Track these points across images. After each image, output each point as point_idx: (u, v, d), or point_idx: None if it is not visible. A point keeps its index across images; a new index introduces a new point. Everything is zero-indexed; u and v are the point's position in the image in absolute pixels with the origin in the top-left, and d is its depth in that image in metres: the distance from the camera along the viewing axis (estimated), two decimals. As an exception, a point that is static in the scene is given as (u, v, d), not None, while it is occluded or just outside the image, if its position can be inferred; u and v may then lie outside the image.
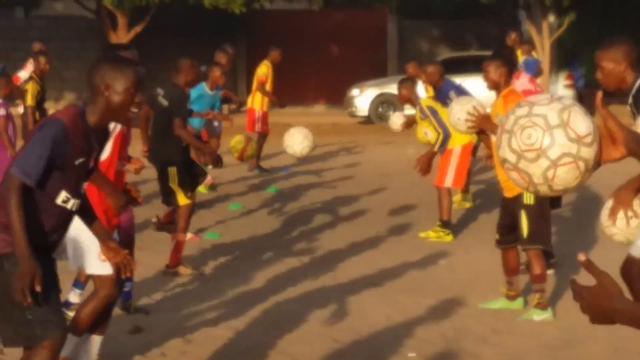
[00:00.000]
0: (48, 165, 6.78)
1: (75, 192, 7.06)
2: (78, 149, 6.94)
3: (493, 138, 11.30)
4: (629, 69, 8.77)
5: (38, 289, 6.59)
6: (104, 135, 7.44)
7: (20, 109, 15.65)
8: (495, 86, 11.93)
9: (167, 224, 14.39)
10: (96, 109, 7.05)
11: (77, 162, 6.96)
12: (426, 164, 15.14)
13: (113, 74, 7.04)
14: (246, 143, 18.18)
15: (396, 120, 17.49)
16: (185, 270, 13.56)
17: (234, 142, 18.43)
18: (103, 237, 7.63)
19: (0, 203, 7.03)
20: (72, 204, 7.04)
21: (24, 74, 15.47)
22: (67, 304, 11.17)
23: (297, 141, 16.13)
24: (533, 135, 3.87)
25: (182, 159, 14.07)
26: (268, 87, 24.32)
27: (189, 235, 15.58)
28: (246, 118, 24.88)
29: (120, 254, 7.46)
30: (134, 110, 7.32)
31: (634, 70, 8.64)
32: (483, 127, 11.45)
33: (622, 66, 8.81)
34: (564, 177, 4.01)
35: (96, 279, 8.99)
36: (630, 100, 8.45)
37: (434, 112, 16.23)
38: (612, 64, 8.87)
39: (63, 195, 6.94)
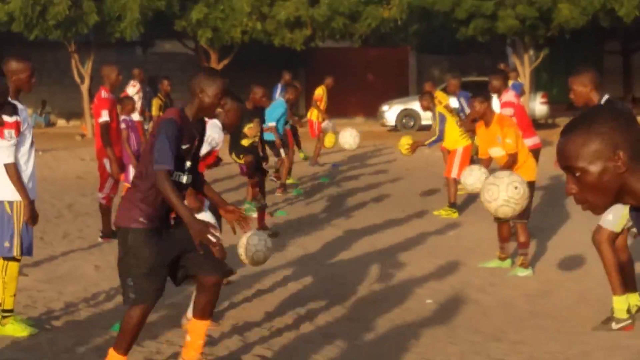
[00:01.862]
0: (177, 152, 6.96)
1: (182, 170, 7.17)
2: (185, 137, 7.08)
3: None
4: (594, 91, 8.84)
5: (214, 238, 6.83)
6: (202, 126, 7.58)
7: (134, 116, 15.64)
8: (496, 91, 12.08)
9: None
10: (193, 107, 7.25)
11: (184, 147, 7.09)
12: (414, 148, 15.47)
13: (207, 81, 7.21)
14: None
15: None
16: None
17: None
18: (221, 203, 7.72)
19: (131, 191, 7.20)
20: (182, 178, 7.14)
21: (131, 90, 15.53)
22: None
23: (351, 136, 16.66)
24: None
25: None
26: (322, 105, 24.26)
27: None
28: (308, 127, 24.77)
29: (236, 212, 7.53)
30: (219, 110, 7.44)
31: (598, 91, 8.69)
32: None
33: (589, 88, 8.90)
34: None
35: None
36: None
37: (443, 119, 16.26)
38: (581, 87, 8.92)
39: (174, 173, 7.03)
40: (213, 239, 6.81)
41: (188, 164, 7.26)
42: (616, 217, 8.95)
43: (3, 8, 34.00)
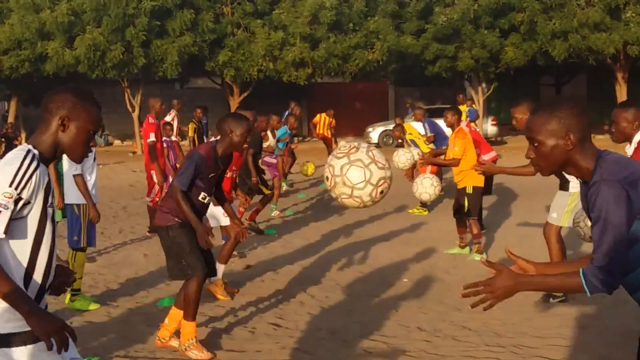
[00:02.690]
0: (193, 179, 6.97)
1: (209, 193, 7.28)
2: (211, 168, 7.17)
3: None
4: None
5: (209, 244, 7.06)
6: (228, 160, 7.55)
7: (172, 138, 15.65)
8: (450, 126, 11.97)
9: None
10: (223, 145, 7.26)
11: (210, 176, 7.20)
12: (411, 172, 14.99)
13: (235, 123, 7.19)
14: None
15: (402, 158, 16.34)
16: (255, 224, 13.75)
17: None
18: (232, 216, 7.79)
19: (166, 199, 7.27)
20: (207, 200, 7.24)
21: (168, 117, 15.56)
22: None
23: (432, 186, 12.36)
24: (358, 173, 3.83)
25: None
26: (319, 127, 24.37)
27: (276, 213, 15.68)
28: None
29: (240, 226, 7.69)
30: (245, 146, 7.49)
31: None
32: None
33: (527, 115, 8.78)
34: (383, 193, 3.97)
35: (228, 227, 9.10)
36: None
37: (415, 143, 16.29)
38: (521, 114, 8.81)
39: (202, 195, 7.14)
40: (208, 243, 7.03)
41: (214, 189, 7.39)
42: (559, 213, 8.90)
43: (71, 53, 34.04)
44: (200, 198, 7.21)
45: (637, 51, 34.88)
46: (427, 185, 12.15)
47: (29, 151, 3.51)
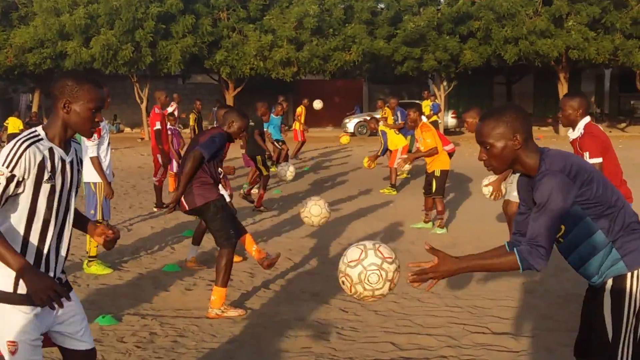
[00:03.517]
0: (216, 152, 7.18)
1: (221, 165, 7.38)
2: (224, 146, 7.20)
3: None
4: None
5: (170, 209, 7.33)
6: (230, 141, 7.57)
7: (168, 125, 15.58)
8: (413, 122, 11.98)
9: (249, 195, 14.15)
10: (228, 132, 7.34)
11: (222, 152, 7.26)
12: (373, 159, 14.96)
13: (237, 118, 7.31)
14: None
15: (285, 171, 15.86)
16: (264, 209, 13.58)
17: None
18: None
19: (197, 182, 7.26)
20: (222, 174, 7.34)
21: (170, 109, 15.42)
22: None
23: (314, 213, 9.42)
24: (375, 277, 3.76)
25: (261, 152, 14.04)
26: (302, 119, 24.24)
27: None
28: (292, 134, 24.77)
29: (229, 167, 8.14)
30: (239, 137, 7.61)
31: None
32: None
33: (477, 120, 8.74)
34: (396, 283, 3.88)
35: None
36: None
37: (384, 134, 16.32)
38: (471, 119, 9.22)
39: (219, 169, 7.28)
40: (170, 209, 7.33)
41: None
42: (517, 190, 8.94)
43: (87, 52, 33.90)
44: (219, 171, 7.44)
45: (577, 55, 35.03)
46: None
47: (29, 134, 3.52)
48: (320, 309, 7.28)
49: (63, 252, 3.64)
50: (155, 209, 13.50)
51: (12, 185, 3.39)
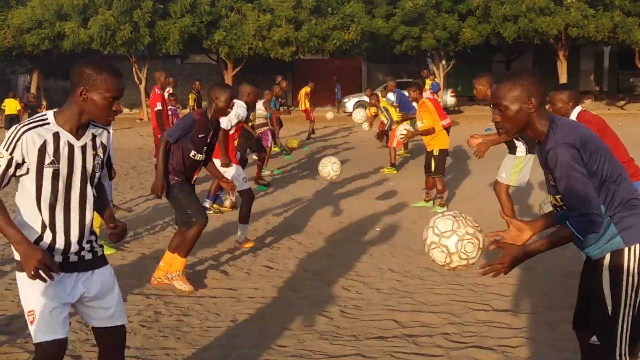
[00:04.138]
0: (181, 136, 7.15)
1: (200, 152, 7.33)
2: (201, 130, 7.24)
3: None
4: (489, 89, 8.72)
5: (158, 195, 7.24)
6: (217, 123, 7.57)
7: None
8: (414, 100, 12.05)
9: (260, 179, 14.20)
10: (211, 110, 7.39)
11: (200, 136, 7.27)
12: (382, 134, 15.06)
13: (220, 91, 7.29)
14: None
15: (357, 115, 16.45)
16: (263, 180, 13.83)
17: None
18: (220, 177, 7.96)
19: (170, 162, 7.30)
20: (198, 157, 7.31)
21: (168, 89, 15.17)
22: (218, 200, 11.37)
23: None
24: (471, 247, 3.78)
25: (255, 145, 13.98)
26: (301, 103, 24.33)
27: (267, 173, 15.68)
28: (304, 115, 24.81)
29: (230, 183, 7.85)
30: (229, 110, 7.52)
31: (491, 88, 8.57)
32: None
33: (486, 87, 8.77)
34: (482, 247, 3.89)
35: (242, 192, 9.16)
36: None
37: (387, 110, 16.34)
38: (480, 85, 8.84)
39: (192, 152, 7.21)
40: (157, 194, 7.23)
41: (205, 148, 7.39)
42: (508, 174, 8.97)
43: (86, 32, 33.87)
44: (191, 155, 7.30)
45: (576, 33, 34.96)
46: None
47: (34, 118, 3.59)
48: (323, 288, 7.32)
49: (74, 238, 3.68)
50: (156, 190, 13.54)
51: (12, 167, 3.48)
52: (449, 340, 5.70)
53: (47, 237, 3.59)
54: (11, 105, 27.86)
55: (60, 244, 3.63)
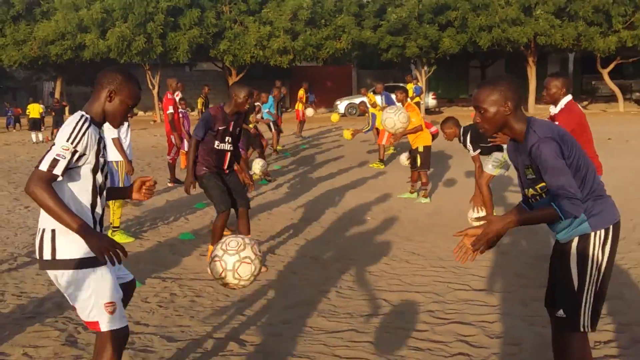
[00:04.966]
0: (206, 130, 7.11)
1: (222, 142, 7.32)
2: (219, 122, 7.23)
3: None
4: (457, 130, 9.21)
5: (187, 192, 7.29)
6: (238, 117, 7.46)
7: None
8: (400, 101, 12.06)
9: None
10: (230, 105, 7.33)
11: (220, 128, 7.26)
12: (354, 134, 15.00)
13: (239, 88, 7.32)
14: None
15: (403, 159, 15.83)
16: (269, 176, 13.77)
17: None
18: (241, 170, 7.92)
19: (201, 151, 7.34)
20: (222, 147, 7.30)
21: (176, 94, 15.21)
22: None
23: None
24: (246, 269, 3.78)
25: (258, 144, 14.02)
26: (303, 99, 24.29)
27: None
28: (295, 114, 24.75)
29: (247, 179, 7.91)
30: (247, 106, 7.48)
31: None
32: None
33: (454, 130, 9.11)
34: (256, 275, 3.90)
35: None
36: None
37: (374, 116, 16.35)
38: (448, 129, 9.16)
39: (216, 142, 7.20)
40: (187, 191, 7.29)
41: (228, 138, 7.35)
42: (494, 165, 8.96)
43: (104, 43, 33.88)
44: (215, 146, 7.31)
45: (544, 41, 35.04)
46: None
47: (82, 116, 3.56)
48: (321, 271, 7.34)
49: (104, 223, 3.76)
50: (169, 184, 13.52)
51: (74, 159, 3.44)
52: (433, 317, 5.73)
53: (96, 219, 3.61)
54: (35, 110, 27.75)
55: (102, 222, 3.68)
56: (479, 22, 35.12)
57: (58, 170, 3.36)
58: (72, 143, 3.42)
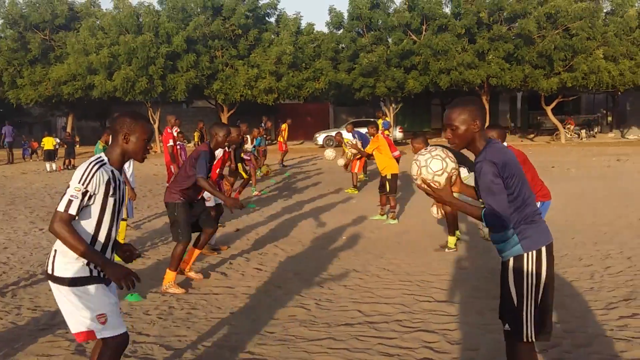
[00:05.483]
0: (209, 167, 7.09)
1: (207, 174, 7.21)
2: (211, 159, 7.13)
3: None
4: (425, 146, 8.88)
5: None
6: (213, 155, 7.43)
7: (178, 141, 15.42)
8: (371, 134, 12.06)
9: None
10: (212, 143, 7.33)
11: (209, 164, 7.22)
12: (347, 165, 14.89)
13: (218, 128, 7.32)
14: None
15: (329, 153, 15.86)
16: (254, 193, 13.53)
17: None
18: (221, 196, 7.48)
19: (174, 184, 7.19)
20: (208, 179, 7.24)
21: (174, 129, 15.01)
22: None
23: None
24: (437, 163, 3.71)
25: (242, 161, 13.96)
26: (285, 134, 24.23)
27: (255, 192, 15.54)
28: (277, 146, 24.67)
29: (234, 201, 7.49)
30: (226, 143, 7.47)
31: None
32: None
33: (422, 145, 8.82)
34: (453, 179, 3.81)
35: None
36: None
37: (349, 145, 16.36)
38: (417, 144, 8.91)
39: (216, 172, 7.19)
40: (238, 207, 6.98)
41: (209, 171, 7.33)
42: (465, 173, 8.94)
43: (111, 83, 33.74)
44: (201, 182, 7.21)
45: (496, 82, 35.47)
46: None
47: (96, 159, 3.59)
48: (302, 285, 7.31)
49: (110, 251, 3.71)
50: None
51: (86, 199, 3.47)
52: (402, 326, 5.72)
53: (98, 248, 3.60)
54: (49, 142, 27.52)
55: (109, 253, 3.66)
56: (439, 66, 35.49)
57: (73, 210, 3.44)
58: (83, 184, 3.46)
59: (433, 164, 3.69)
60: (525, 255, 3.61)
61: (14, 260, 8.91)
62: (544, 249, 3.62)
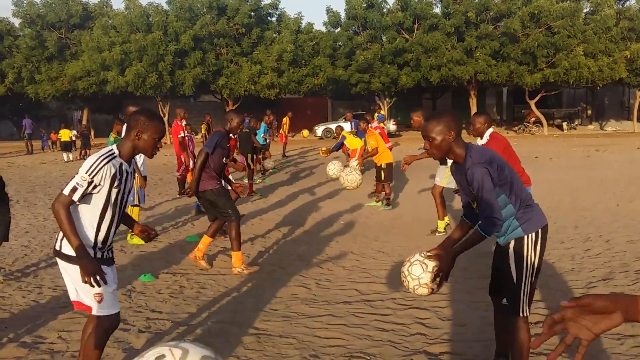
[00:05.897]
0: (216, 145, 6.94)
1: (227, 156, 7.16)
2: (226, 141, 7.12)
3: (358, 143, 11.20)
4: (423, 120, 8.66)
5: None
6: (229, 138, 7.36)
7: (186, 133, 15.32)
8: (363, 129, 12.04)
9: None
10: (227, 127, 7.19)
11: (227, 145, 7.16)
12: (328, 152, 14.21)
13: (234, 115, 7.19)
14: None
15: (332, 172, 14.72)
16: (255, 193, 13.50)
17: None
18: (230, 183, 7.57)
19: (206, 174, 7.04)
20: (225, 161, 7.13)
21: (183, 122, 14.99)
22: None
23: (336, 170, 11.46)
24: (418, 268, 3.62)
25: (251, 150, 14.00)
26: (286, 127, 24.17)
27: (259, 180, 15.53)
28: (279, 138, 24.62)
29: (238, 188, 7.47)
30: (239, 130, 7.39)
31: (423, 120, 8.42)
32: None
33: (421, 118, 8.68)
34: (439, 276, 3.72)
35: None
36: None
37: (343, 137, 16.26)
38: (417, 117, 8.74)
39: (225, 158, 7.08)
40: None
41: (229, 152, 7.27)
42: (441, 178, 8.88)
43: (123, 79, 33.64)
44: (224, 160, 7.11)
45: (483, 77, 35.36)
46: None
47: (108, 151, 3.59)
48: (303, 266, 7.33)
49: (112, 239, 3.73)
50: (178, 196, 13.44)
51: (90, 187, 3.49)
52: (396, 303, 5.74)
53: (100, 238, 3.60)
54: (65, 134, 27.50)
55: (107, 243, 3.67)
56: (430, 63, 35.40)
57: (76, 196, 3.46)
58: (89, 175, 3.47)
59: (414, 269, 3.65)
60: (526, 237, 3.65)
61: (34, 243, 8.92)
62: (540, 231, 3.68)
